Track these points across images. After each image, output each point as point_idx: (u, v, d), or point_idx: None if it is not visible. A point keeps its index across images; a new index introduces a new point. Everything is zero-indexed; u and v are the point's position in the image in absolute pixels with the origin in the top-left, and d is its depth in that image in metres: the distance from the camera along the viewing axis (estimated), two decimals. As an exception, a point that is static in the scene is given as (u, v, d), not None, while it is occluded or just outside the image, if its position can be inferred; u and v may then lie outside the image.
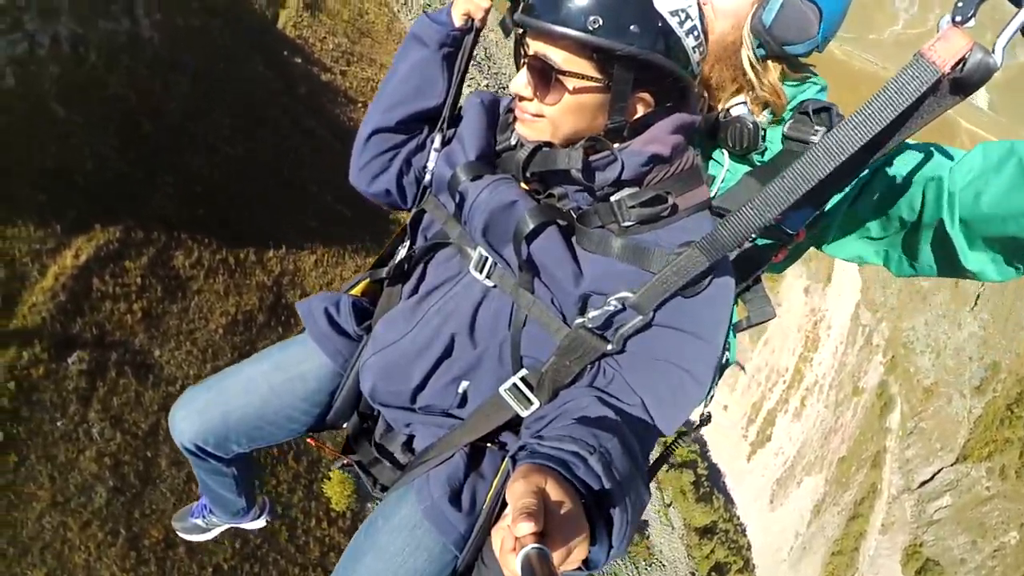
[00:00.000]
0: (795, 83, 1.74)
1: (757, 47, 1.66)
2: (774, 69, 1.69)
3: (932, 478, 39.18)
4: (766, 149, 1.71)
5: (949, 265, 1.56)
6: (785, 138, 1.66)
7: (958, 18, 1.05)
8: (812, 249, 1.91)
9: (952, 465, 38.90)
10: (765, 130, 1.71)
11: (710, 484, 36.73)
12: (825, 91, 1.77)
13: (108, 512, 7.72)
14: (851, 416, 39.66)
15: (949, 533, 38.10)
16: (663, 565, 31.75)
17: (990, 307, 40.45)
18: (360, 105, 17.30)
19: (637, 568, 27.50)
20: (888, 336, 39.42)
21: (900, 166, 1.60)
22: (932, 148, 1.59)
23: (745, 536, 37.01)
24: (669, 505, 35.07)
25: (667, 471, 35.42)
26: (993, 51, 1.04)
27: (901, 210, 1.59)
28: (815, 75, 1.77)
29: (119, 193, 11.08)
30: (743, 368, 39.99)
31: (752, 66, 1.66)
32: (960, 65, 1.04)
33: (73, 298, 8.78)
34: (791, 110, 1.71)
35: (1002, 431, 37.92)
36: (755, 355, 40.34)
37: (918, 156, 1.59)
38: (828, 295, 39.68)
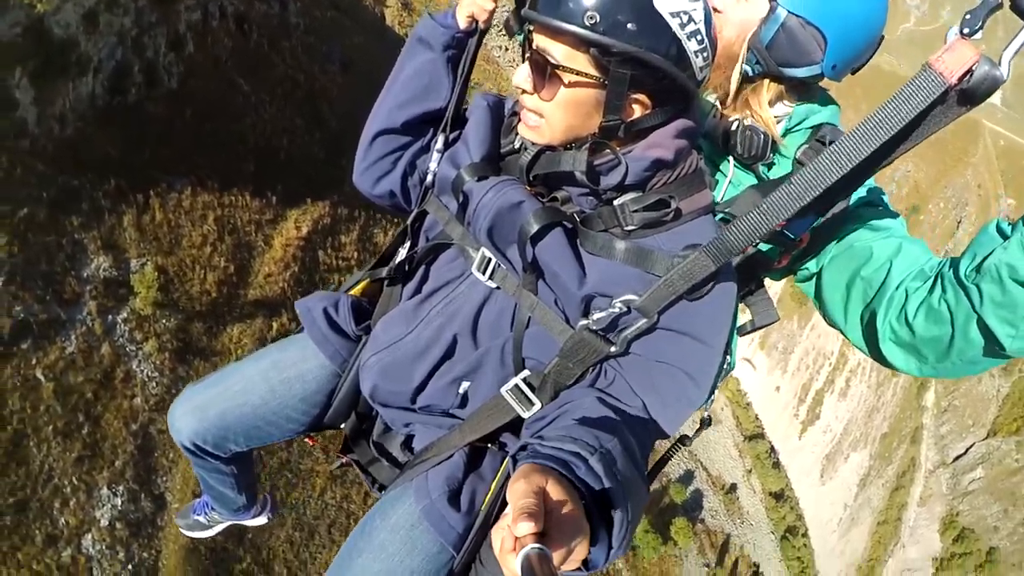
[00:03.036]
0: (805, 102, 1.61)
1: (755, 63, 1.54)
2: (768, 89, 1.57)
3: (965, 452, 39.20)
4: (773, 164, 1.62)
5: (871, 346, 1.49)
6: (796, 162, 1.57)
7: (966, 30, 0.99)
8: None
9: (984, 440, 38.81)
10: (776, 143, 1.60)
11: (775, 455, 37.90)
12: (837, 115, 1.65)
13: (386, 479, 6.83)
14: (891, 395, 39.68)
15: (983, 503, 38.03)
16: (751, 524, 33.89)
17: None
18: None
19: (735, 524, 29.81)
20: (922, 320, 39.58)
21: (878, 253, 1.47)
22: (913, 249, 1.46)
23: (800, 507, 37.62)
24: (750, 471, 36.31)
25: (744, 441, 37.58)
26: (1000, 63, 0.98)
27: (858, 288, 1.49)
28: (825, 98, 1.65)
29: (315, 169, 10.24)
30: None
31: (740, 83, 1.56)
32: (967, 76, 0.98)
33: (305, 269, 7.96)
34: (808, 129, 1.61)
35: (1028, 407, 37.60)
36: (803, 339, 40.52)
37: (894, 247, 1.47)
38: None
